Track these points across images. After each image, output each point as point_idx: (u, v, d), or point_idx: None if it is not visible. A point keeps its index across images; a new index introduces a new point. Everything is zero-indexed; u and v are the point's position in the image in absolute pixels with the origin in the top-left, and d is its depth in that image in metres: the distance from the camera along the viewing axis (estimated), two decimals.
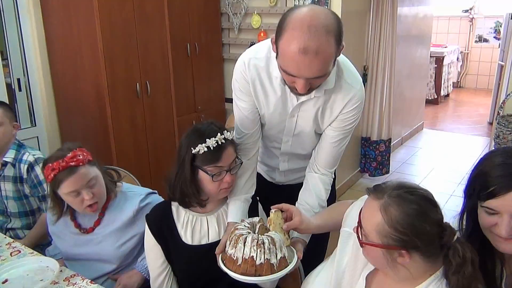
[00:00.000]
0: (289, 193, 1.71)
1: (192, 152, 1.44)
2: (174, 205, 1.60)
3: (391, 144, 4.32)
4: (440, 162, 4.88)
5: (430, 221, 1.07)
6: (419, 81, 5.63)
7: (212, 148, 1.43)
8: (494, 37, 7.83)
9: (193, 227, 1.56)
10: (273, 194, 1.79)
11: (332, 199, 1.73)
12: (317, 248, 1.72)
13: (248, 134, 1.60)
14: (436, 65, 6.97)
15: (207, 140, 1.43)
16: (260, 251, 1.27)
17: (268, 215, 1.43)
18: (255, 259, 1.27)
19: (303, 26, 1.21)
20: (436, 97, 7.16)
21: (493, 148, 3.46)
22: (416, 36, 5.20)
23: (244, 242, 1.29)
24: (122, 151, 3.14)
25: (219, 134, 1.44)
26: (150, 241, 1.59)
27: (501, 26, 7.46)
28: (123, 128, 3.17)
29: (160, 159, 3.46)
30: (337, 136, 1.55)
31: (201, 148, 1.43)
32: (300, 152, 1.68)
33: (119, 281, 1.73)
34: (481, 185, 1.11)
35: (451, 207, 3.80)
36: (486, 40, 7.94)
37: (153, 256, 1.60)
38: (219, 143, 1.44)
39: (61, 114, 3.38)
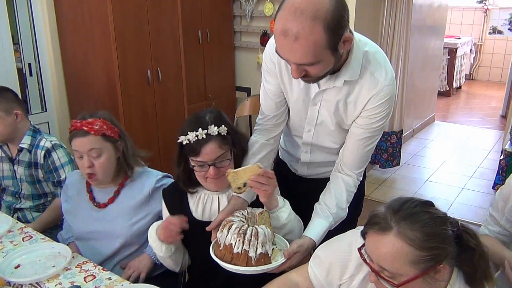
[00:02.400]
0: (311, 186, 1.67)
1: (178, 141, 1.45)
2: None
3: (402, 135, 4.27)
4: (452, 155, 4.82)
5: (442, 220, 1.03)
6: (432, 73, 5.55)
7: (192, 142, 1.41)
8: (509, 29, 7.67)
9: (204, 203, 1.56)
10: (295, 185, 1.75)
11: (360, 196, 1.68)
12: None
13: (269, 116, 1.58)
14: (449, 57, 6.87)
15: (188, 132, 1.41)
16: (239, 240, 1.27)
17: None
18: (233, 247, 1.28)
19: (290, 8, 1.16)
20: (448, 89, 7.06)
21: (509, 142, 3.41)
22: (431, 26, 5.11)
23: (229, 229, 1.30)
24: (132, 138, 3.10)
25: (200, 129, 1.40)
26: (165, 213, 1.62)
27: None
28: (133, 115, 3.16)
29: (170, 146, 3.44)
30: (362, 134, 1.47)
31: (183, 139, 1.43)
32: (322, 144, 1.62)
33: (129, 265, 1.74)
34: None
35: (462, 200, 3.76)
36: (500, 32, 7.79)
37: None
38: (199, 138, 1.40)
39: (72, 100, 3.37)
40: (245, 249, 1.26)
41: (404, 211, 1.02)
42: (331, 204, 1.50)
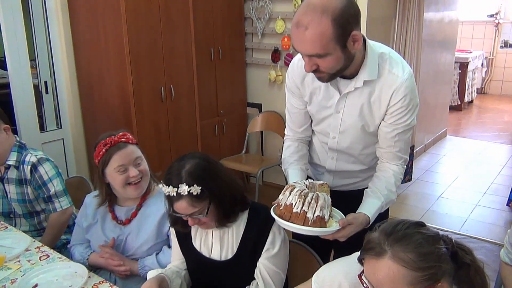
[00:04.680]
0: (334, 198, 1.67)
1: None
2: None
3: (414, 151, 4.25)
4: (465, 171, 4.78)
5: (435, 239, 1.04)
6: (443, 87, 5.53)
7: (166, 194, 1.41)
8: None
9: (201, 234, 1.58)
10: None
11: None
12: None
13: (297, 131, 1.70)
14: (460, 71, 6.85)
15: (164, 185, 1.40)
16: (299, 201, 1.32)
17: None
18: (293, 207, 1.33)
19: (305, 4, 1.31)
20: (459, 103, 7.03)
21: None
22: (441, 41, 5.12)
23: (291, 191, 1.36)
24: (145, 154, 3.16)
25: (171, 186, 1.37)
26: (173, 233, 1.65)
27: None
28: (147, 132, 3.19)
29: None
30: (393, 131, 1.51)
31: (162, 188, 1.42)
32: (348, 151, 1.64)
33: (124, 261, 1.76)
34: None
35: (476, 217, 3.72)
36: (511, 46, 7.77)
37: (175, 245, 1.65)
38: (170, 195, 1.38)
39: (87, 117, 3.42)
40: (304, 210, 1.31)
41: (396, 233, 1.04)
42: (381, 186, 1.54)
